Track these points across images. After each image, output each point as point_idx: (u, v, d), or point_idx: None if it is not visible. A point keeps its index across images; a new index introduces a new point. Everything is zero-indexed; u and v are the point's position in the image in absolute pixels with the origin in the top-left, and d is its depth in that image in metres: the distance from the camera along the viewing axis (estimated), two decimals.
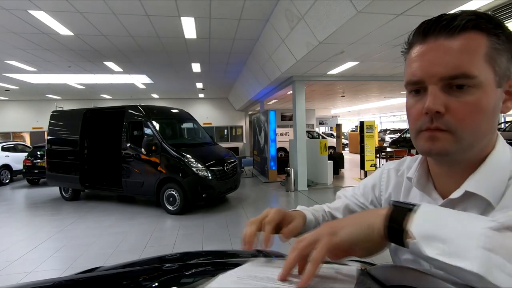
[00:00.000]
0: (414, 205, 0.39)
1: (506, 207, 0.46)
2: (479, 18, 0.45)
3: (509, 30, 0.46)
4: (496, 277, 0.29)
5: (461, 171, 0.51)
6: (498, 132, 0.53)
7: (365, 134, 8.45)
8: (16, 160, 9.90)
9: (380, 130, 24.48)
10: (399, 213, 0.39)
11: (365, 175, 8.44)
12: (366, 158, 8.40)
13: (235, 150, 16.11)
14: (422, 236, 0.35)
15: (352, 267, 0.46)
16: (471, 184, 0.48)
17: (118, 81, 10.87)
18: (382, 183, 0.71)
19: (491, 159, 0.49)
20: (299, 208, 0.73)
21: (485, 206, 0.48)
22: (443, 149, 0.47)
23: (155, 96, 15.73)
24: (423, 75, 0.46)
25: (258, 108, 14.52)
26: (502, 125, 14.55)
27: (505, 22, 3.43)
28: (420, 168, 0.58)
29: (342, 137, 15.74)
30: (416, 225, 0.37)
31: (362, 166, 8.57)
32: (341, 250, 0.42)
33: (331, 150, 13.59)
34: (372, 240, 0.41)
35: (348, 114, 26.21)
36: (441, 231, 0.34)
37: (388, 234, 0.40)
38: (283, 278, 0.43)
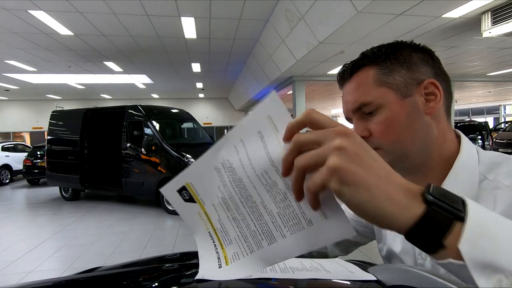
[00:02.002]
0: (460, 207, 0.28)
1: None
2: (364, 58, 0.55)
3: (395, 53, 0.53)
4: None
5: (431, 178, 0.54)
6: (461, 134, 0.56)
7: None
8: (16, 160, 9.90)
9: None
10: (440, 221, 0.27)
11: None
12: None
13: None
14: (477, 262, 0.25)
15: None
16: None
17: (118, 81, 10.87)
18: None
19: (458, 163, 0.52)
20: None
21: None
22: None
23: (155, 96, 15.73)
24: (345, 113, 0.59)
25: None
26: (502, 125, 14.57)
27: (505, 22, 3.43)
28: None
29: None
30: (467, 241, 0.25)
31: None
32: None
33: None
34: (382, 226, 0.29)
35: None
36: (504, 260, 0.25)
37: (411, 238, 0.28)
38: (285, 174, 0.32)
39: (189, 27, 5.62)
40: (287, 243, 0.35)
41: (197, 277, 0.43)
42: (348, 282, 0.47)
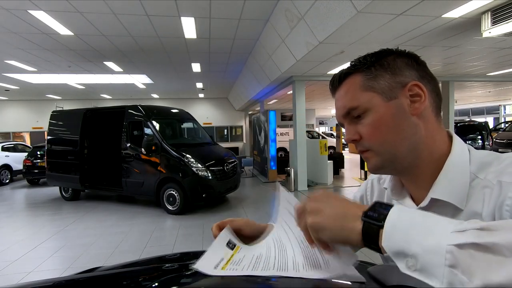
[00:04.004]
0: (384, 215, 0.40)
1: (473, 210, 0.50)
2: (351, 66, 0.59)
3: (380, 60, 0.56)
4: None
5: (423, 177, 0.56)
6: (454, 134, 0.58)
7: None
8: (16, 160, 9.89)
9: None
10: (371, 230, 0.41)
11: (365, 175, 8.45)
12: None
13: (235, 150, 16.10)
14: (393, 252, 0.38)
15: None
16: (436, 191, 0.53)
17: (118, 81, 10.87)
18: (367, 193, 0.75)
19: (449, 163, 0.53)
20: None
21: (453, 210, 0.52)
22: (374, 165, 0.58)
23: (155, 96, 15.73)
24: (337, 119, 0.63)
25: (258, 108, 14.52)
26: (502, 125, 14.57)
27: (505, 22, 3.42)
28: (393, 178, 0.64)
29: (342, 137, 15.74)
30: (385, 239, 0.38)
31: (362, 166, 8.57)
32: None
33: (331, 150, 13.58)
34: (348, 243, 0.45)
35: None
36: (409, 247, 0.36)
37: (367, 246, 0.42)
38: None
39: (189, 27, 5.62)
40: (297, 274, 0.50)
41: (194, 266, 0.53)
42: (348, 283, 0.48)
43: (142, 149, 5.87)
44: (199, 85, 12.54)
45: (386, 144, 0.55)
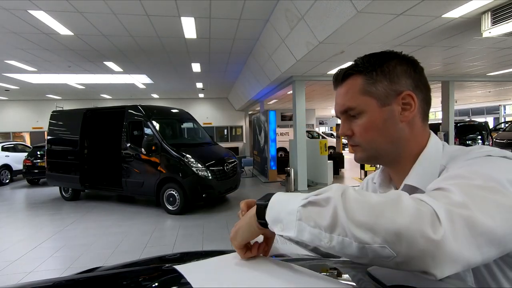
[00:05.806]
0: (269, 198, 0.52)
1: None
2: (355, 66, 0.64)
3: (382, 64, 0.61)
4: (304, 237, 0.45)
5: (404, 170, 0.63)
6: (432, 132, 0.65)
7: None
8: (16, 160, 9.90)
9: None
10: (260, 210, 0.52)
11: (365, 175, 8.43)
12: None
13: (235, 150, 16.09)
14: (271, 220, 0.50)
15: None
16: (409, 178, 0.61)
17: (118, 81, 10.87)
18: None
19: (422, 157, 0.61)
20: None
21: None
22: (359, 157, 0.67)
23: (155, 96, 15.73)
24: (335, 112, 0.69)
25: (258, 108, 14.52)
26: (502, 125, 14.58)
27: (505, 22, 3.42)
28: (382, 173, 0.74)
29: (342, 137, 15.71)
30: (267, 213, 0.50)
31: (362, 166, 8.57)
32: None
33: (331, 150, 13.58)
34: (256, 234, 0.56)
35: None
36: (278, 215, 0.49)
37: (262, 226, 0.53)
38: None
39: (189, 27, 5.62)
40: None
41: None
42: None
43: (142, 149, 5.87)
44: (199, 85, 12.54)
45: (372, 143, 0.63)
